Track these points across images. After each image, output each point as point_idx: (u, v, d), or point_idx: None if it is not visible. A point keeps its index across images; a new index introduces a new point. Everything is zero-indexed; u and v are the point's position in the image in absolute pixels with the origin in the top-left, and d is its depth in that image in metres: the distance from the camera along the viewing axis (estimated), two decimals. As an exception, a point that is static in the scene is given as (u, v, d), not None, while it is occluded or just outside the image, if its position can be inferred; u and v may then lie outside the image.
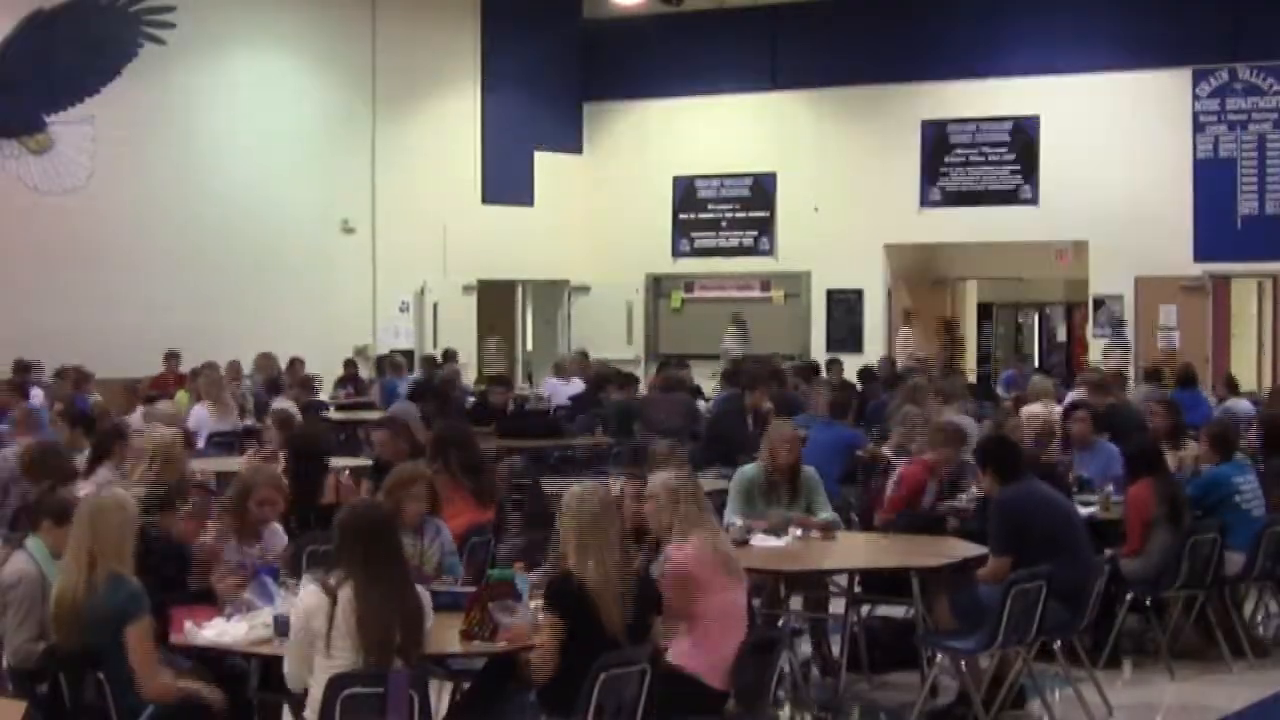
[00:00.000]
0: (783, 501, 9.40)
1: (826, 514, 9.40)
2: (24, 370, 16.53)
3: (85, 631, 6.25)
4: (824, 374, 18.43)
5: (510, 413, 16.41)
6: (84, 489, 8.28)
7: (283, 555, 7.79)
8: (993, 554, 8.49)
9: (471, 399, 17.53)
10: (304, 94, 22.03)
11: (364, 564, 6.04)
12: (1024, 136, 22.57)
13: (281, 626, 6.52)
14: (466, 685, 7.06)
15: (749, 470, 9.57)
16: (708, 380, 19.04)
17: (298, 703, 6.33)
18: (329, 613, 5.97)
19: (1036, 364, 25.12)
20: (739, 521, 9.17)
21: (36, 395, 15.11)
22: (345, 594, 5.99)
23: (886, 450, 11.80)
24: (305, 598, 6.15)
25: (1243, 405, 15.46)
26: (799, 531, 9.09)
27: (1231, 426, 11.08)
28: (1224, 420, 11.68)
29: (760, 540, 8.86)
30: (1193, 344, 21.22)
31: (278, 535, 7.96)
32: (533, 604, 6.73)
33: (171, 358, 18.60)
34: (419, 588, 6.33)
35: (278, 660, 6.35)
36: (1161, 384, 16.26)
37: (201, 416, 14.61)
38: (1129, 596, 9.52)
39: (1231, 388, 16.84)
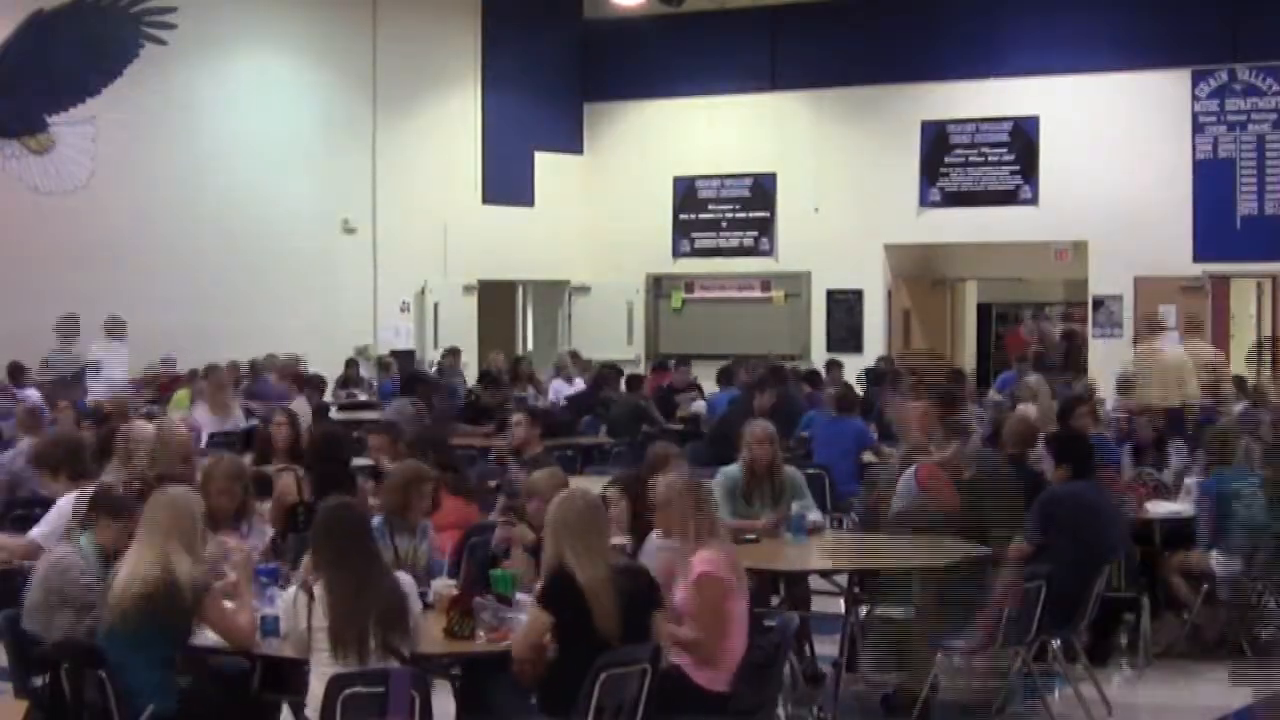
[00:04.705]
0: (765, 501, 9.39)
1: (814, 515, 9.38)
2: (18, 373, 16.39)
3: (167, 616, 6.34)
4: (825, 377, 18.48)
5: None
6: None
7: (266, 550, 7.84)
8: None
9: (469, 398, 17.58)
10: (304, 94, 22.05)
11: (336, 563, 6.16)
12: (1024, 137, 22.58)
13: (268, 626, 6.56)
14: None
15: (731, 470, 9.56)
16: (708, 381, 19.08)
17: (298, 703, 6.35)
18: (308, 612, 6.03)
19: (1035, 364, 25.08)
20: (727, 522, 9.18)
21: (32, 395, 15.08)
22: (319, 593, 6.07)
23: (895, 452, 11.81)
24: (287, 598, 6.25)
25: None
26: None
27: (1232, 432, 11.10)
28: (1224, 426, 11.68)
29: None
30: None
31: (263, 531, 8.04)
32: (521, 596, 6.77)
33: (166, 361, 18.57)
34: (404, 576, 6.36)
35: (278, 660, 6.38)
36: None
37: (203, 417, 14.64)
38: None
39: (1240, 389, 16.83)
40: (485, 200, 24.01)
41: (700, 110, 24.58)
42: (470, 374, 21.18)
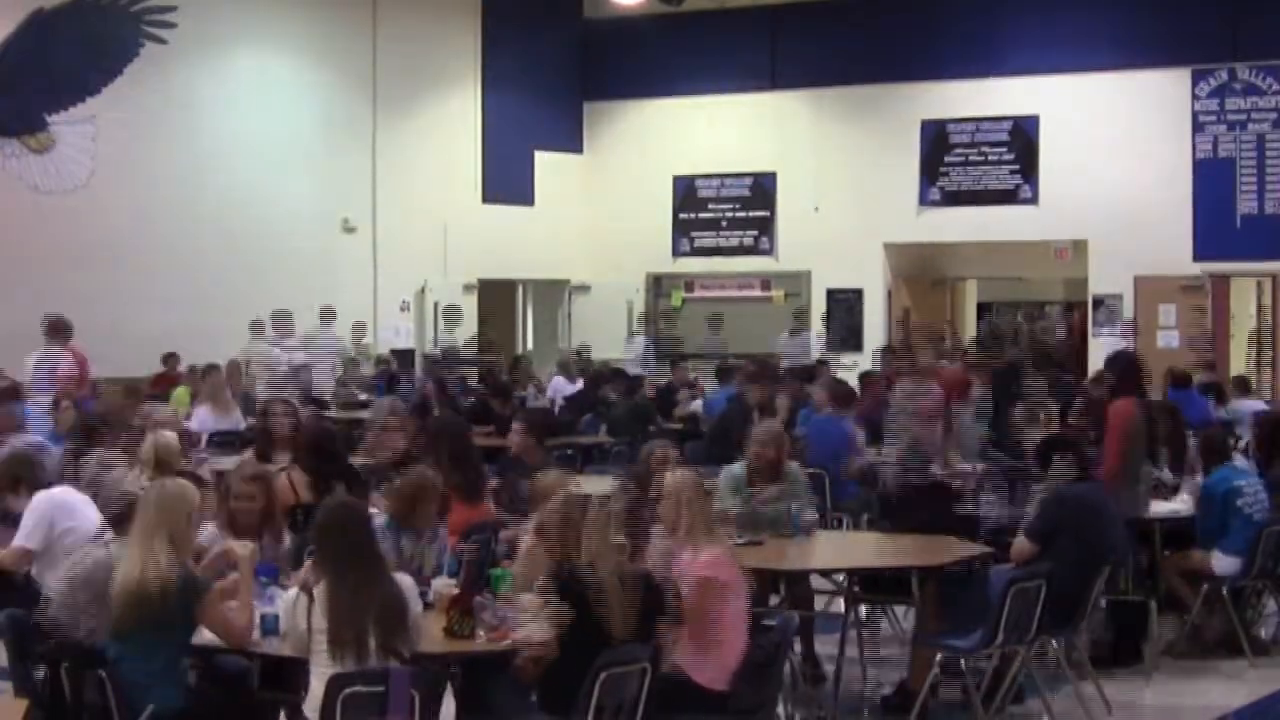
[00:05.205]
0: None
1: (809, 514, 9.36)
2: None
3: (159, 615, 6.28)
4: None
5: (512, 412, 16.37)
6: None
7: (281, 555, 7.83)
8: (1024, 532, 8.80)
9: (471, 399, 17.54)
10: (304, 94, 22.05)
11: (335, 562, 6.14)
12: (1024, 136, 22.58)
13: (268, 625, 6.55)
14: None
15: (735, 469, 9.56)
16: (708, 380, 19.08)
17: (297, 703, 6.35)
18: (308, 614, 6.04)
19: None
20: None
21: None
22: (319, 592, 6.07)
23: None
24: (287, 599, 6.24)
25: (1253, 406, 15.43)
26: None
27: (1220, 433, 11.09)
28: (1214, 428, 11.68)
29: None
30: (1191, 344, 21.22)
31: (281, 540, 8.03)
32: (523, 596, 6.76)
33: (170, 358, 18.60)
34: (404, 578, 6.36)
35: (278, 660, 6.38)
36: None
37: (204, 416, 14.65)
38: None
39: (1244, 389, 16.84)
40: (485, 200, 24.02)
41: (700, 110, 24.60)
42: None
